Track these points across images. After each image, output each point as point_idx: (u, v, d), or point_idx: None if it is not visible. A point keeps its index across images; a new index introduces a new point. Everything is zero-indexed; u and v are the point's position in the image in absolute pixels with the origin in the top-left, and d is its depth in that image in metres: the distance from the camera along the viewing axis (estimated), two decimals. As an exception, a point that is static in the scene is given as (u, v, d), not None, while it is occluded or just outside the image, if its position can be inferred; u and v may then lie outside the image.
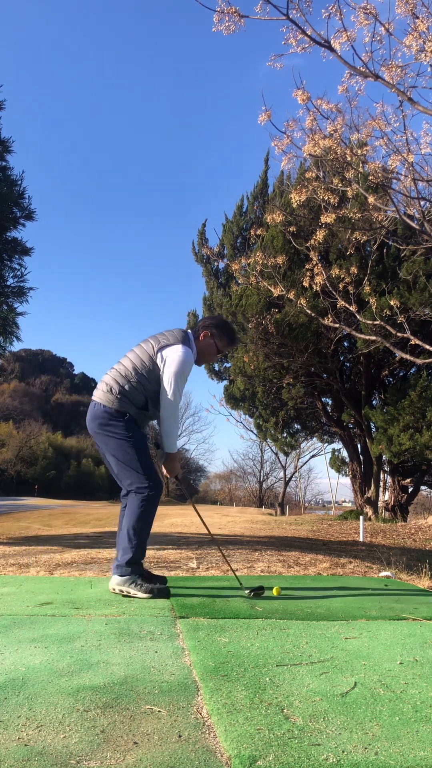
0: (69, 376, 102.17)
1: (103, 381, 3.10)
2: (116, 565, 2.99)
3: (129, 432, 2.98)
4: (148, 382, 3.01)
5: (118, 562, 2.99)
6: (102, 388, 3.07)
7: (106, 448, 3.04)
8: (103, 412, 3.00)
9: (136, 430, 3.03)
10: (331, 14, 5.94)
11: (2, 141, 8.34)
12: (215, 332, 3.20)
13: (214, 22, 5.93)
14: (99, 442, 3.08)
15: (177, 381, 2.94)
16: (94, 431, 3.07)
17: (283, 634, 2.27)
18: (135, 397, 3.01)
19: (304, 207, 10.65)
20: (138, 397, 3.02)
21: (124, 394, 3.00)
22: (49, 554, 5.12)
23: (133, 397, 3.01)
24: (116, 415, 2.98)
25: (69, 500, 44.85)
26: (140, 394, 3.02)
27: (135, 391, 3.01)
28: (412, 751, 1.28)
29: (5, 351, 8.88)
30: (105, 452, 3.07)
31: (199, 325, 3.24)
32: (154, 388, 3.02)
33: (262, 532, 10.80)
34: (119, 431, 2.98)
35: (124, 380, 3.02)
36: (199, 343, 3.18)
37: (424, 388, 13.81)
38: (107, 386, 3.04)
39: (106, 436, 3.01)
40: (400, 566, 5.03)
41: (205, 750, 1.27)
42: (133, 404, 3.02)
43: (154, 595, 2.90)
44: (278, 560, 4.61)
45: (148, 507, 2.98)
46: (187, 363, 2.99)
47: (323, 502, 63.32)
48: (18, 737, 1.31)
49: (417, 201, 7.68)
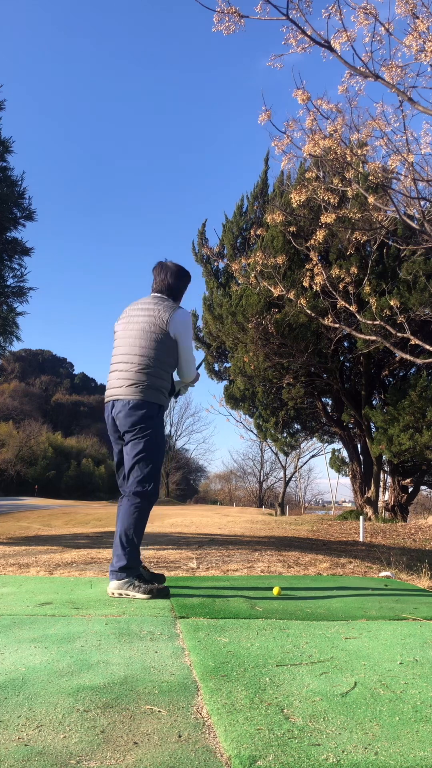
0: (69, 376, 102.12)
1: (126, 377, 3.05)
2: (111, 571, 3.00)
3: (158, 433, 3.06)
4: (173, 359, 3.16)
5: (112, 567, 3.00)
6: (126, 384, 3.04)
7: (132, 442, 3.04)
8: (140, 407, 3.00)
9: (162, 428, 3.12)
10: (331, 14, 5.94)
11: (2, 141, 8.34)
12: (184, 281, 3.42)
13: (214, 22, 5.93)
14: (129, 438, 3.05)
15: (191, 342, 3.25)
16: (126, 427, 3.04)
17: (283, 634, 2.27)
18: (167, 381, 3.13)
19: (304, 207, 10.65)
20: (168, 379, 3.14)
21: (157, 384, 3.05)
22: (49, 554, 5.12)
23: (166, 383, 3.12)
24: (152, 412, 3.03)
25: (69, 500, 44.83)
26: (170, 376, 3.14)
27: (166, 374, 3.12)
28: (412, 751, 1.28)
29: (5, 351, 8.89)
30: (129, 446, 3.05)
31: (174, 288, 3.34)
32: (171, 362, 3.16)
33: (262, 532, 10.80)
34: (152, 432, 3.02)
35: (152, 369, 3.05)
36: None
37: (424, 388, 13.81)
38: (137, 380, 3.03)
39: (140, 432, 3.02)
40: (400, 566, 5.03)
41: (205, 750, 1.27)
42: (166, 390, 3.12)
43: (154, 596, 2.91)
44: (278, 560, 4.61)
45: (142, 513, 3.00)
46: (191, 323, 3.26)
47: (323, 502, 63.32)
48: (18, 737, 1.31)
49: (417, 201, 7.68)
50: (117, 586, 2.95)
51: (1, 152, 8.35)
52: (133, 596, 2.92)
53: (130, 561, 2.96)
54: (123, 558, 2.95)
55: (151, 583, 2.98)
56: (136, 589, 2.92)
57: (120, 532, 2.97)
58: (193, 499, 62.57)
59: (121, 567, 2.94)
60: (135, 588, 2.92)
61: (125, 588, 2.94)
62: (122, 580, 2.94)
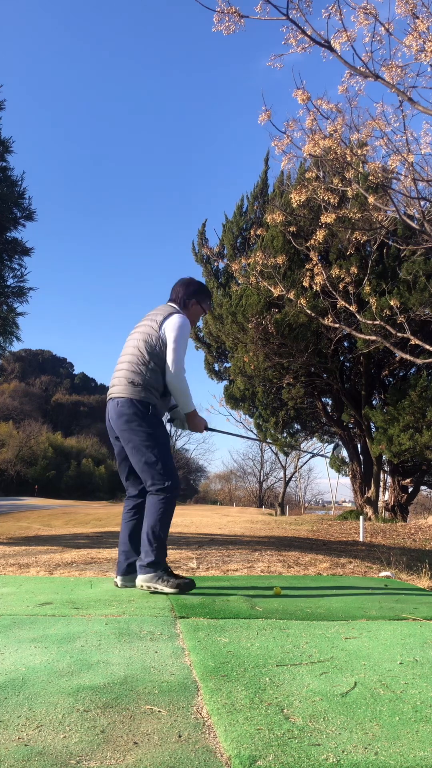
0: (69, 376, 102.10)
1: (119, 376, 3.11)
2: (139, 565, 3.01)
3: (153, 429, 3.03)
4: (161, 360, 3.09)
5: (140, 563, 3.01)
6: (121, 383, 3.08)
7: (130, 445, 3.05)
8: (129, 407, 3.01)
9: (159, 425, 3.08)
10: (331, 14, 5.94)
11: (2, 141, 8.34)
12: (199, 297, 3.39)
13: (214, 22, 5.93)
14: (122, 438, 3.08)
15: (180, 344, 3.08)
16: (119, 429, 3.07)
17: (283, 634, 2.27)
18: (156, 381, 3.07)
19: (304, 207, 10.65)
20: (159, 380, 3.08)
21: (146, 382, 3.04)
22: (49, 554, 5.12)
23: (156, 382, 3.07)
24: (142, 409, 3.01)
25: (69, 500, 44.84)
26: (159, 376, 3.08)
27: (155, 375, 3.07)
28: (412, 751, 1.28)
29: (5, 351, 8.89)
30: (127, 449, 3.08)
31: (181, 296, 3.33)
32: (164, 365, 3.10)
33: (262, 532, 10.80)
34: (144, 429, 3.01)
35: (141, 366, 3.06)
36: (189, 312, 3.33)
37: (424, 388, 13.81)
38: (126, 379, 3.06)
39: (131, 433, 3.02)
40: (400, 566, 5.03)
41: (205, 750, 1.27)
42: (156, 390, 3.07)
43: (181, 590, 2.93)
44: (278, 560, 4.61)
45: (168, 508, 3.01)
46: (185, 327, 3.14)
47: (323, 502, 63.29)
48: (18, 737, 1.31)
49: (417, 201, 7.68)
50: (146, 579, 2.97)
51: (1, 152, 8.35)
52: (161, 590, 2.95)
53: (157, 557, 2.98)
54: (151, 554, 2.97)
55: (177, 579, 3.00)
56: (165, 583, 2.95)
57: (147, 529, 2.99)
58: (193, 499, 62.56)
59: (149, 563, 2.97)
60: (163, 582, 2.95)
61: (154, 581, 2.96)
62: (150, 573, 2.97)
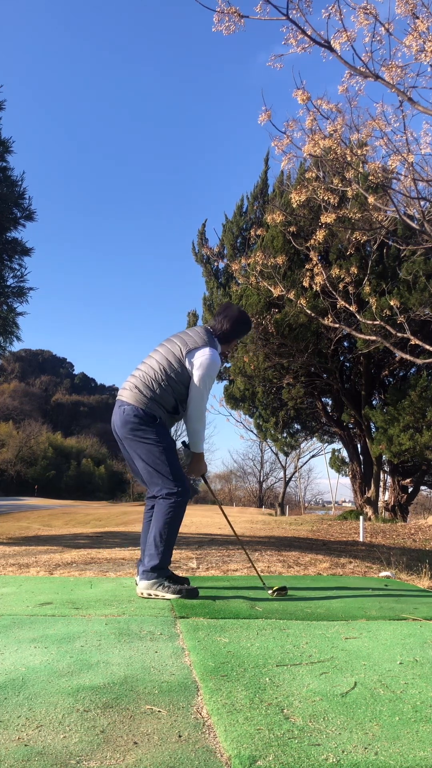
0: (69, 376, 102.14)
1: (131, 382, 3.07)
2: (142, 571, 2.99)
3: (159, 437, 2.98)
4: (177, 384, 3.03)
5: (144, 567, 2.99)
6: (131, 389, 3.04)
7: (136, 452, 3.02)
8: (134, 415, 2.98)
9: (165, 434, 3.03)
10: (331, 14, 5.94)
11: (2, 141, 8.34)
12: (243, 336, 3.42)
13: (214, 22, 5.93)
14: (127, 446, 3.05)
15: (206, 383, 3.02)
16: (124, 436, 3.03)
17: (283, 634, 2.27)
18: (165, 399, 3.02)
19: (304, 207, 10.65)
20: (168, 399, 3.03)
21: (155, 396, 3.00)
22: (49, 554, 5.12)
23: (164, 400, 3.02)
24: (147, 419, 2.98)
25: (69, 500, 44.85)
26: (170, 396, 3.03)
27: (165, 393, 3.02)
28: (412, 751, 1.28)
29: (5, 351, 8.90)
30: (134, 457, 3.05)
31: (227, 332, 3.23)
32: (182, 390, 3.04)
33: (262, 532, 10.80)
34: (150, 436, 2.97)
35: (154, 382, 3.01)
36: (226, 347, 3.28)
37: (424, 388, 13.81)
38: (137, 387, 3.03)
39: (136, 440, 2.99)
40: (400, 566, 5.03)
41: (205, 750, 1.27)
42: (164, 407, 3.02)
43: (183, 596, 2.91)
44: (278, 560, 4.61)
45: (176, 513, 2.97)
46: (215, 365, 3.05)
47: (323, 502, 63.26)
48: (18, 737, 1.31)
49: (417, 201, 7.68)
50: (146, 586, 2.95)
51: (1, 152, 8.35)
52: (163, 596, 2.92)
53: (162, 561, 2.96)
54: (155, 557, 2.95)
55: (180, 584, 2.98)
56: (166, 589, 2.92)
57: (155, 533, 2.97)
58: (192, 499, 62.50)
59: (153, 567, 2.95)
60: (164, 588, 2.93)
61: (154, 588, 2.94)
62: (152, 580, 2.95)
